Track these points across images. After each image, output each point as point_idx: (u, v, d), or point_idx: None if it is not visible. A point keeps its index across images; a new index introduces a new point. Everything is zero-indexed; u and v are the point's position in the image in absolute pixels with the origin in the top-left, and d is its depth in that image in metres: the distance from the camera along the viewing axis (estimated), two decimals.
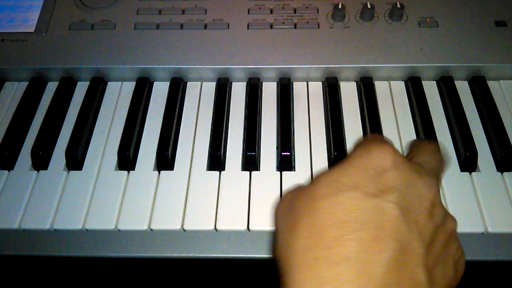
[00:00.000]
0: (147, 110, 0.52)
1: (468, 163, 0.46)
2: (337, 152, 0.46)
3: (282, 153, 0.46)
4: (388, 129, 0.49)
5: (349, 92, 0.53)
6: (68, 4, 0.58)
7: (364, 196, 0.28)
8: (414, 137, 0.48)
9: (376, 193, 0.28)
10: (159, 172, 0.46)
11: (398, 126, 0.49)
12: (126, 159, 0.47)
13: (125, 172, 0.46)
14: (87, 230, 0.43)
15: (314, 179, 0.31)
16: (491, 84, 0.52)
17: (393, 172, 0.30)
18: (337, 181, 0.29)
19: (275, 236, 0.32)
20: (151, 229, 0.43)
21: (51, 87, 0.54)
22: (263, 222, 0.42)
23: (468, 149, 0.46)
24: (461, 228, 0.41)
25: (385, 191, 0.28)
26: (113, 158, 0.48)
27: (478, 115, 0.50)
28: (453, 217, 0.32)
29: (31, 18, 0.57)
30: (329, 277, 0.26)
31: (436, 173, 0.33)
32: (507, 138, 0.47)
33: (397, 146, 0.48)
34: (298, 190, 0.32)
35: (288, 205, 0.31)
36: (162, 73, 0.54)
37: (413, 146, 0.38)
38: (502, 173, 0.45)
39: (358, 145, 0.33)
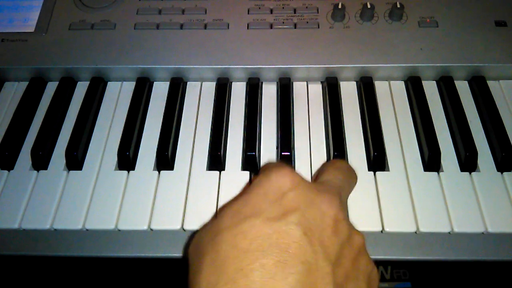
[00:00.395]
0: (147, 110, 0.52)
1: (468, 163, 0.46)
2: (337, 152, 0.46)
3: (282, 153, 0.46)
4: (388, 129, 0.49)
5: (349, 92, 0.53)
6: (68, 4, 0.58)
7: (266, 222, 0.28)
8: (414, 137, 0.48)
9: (277, 217, 0.28)
10: (159, 172, 0.46)
11: (398, 126, 0.49)
12: (126, 159, 0.47)
13: (125, 172, 0.46)
14: (87, 230, 0.43)
15: (218, 213, 0.31)
16: (491, 84, 0.52)
17: (292, 194, 0.29)
18: (239, 212, 0.29)
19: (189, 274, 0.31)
20: (151, 229, 0.43)
21: (51, 87, 0.54)
22: None
23: (468, 149, 0.46)
24: (461, 228, 0.41)
25: (286, 213, 0.28)
26: (113, 158, 0.48)
27: (478, 115, 0.50)
28: (359, 232, 0.31)
29: (31, 18, 0.57)
30: None
31: (338, 190, 0.33)
32: (507, 138, 0.47)
33: (397, 146, 0.48)
34: (205, 227, 0.31)
35: (196, 244, 0.31)
36: (162, 73, 0.54)
37: (323, 165, 0.39)
38: (502, 173, 0.45)
39: (260, 171, 0.33)
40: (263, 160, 0.47)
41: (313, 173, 0.46)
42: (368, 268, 0.31)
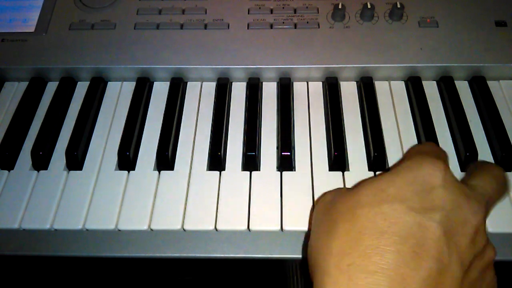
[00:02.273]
0: (147, 110, 0.52)
1: (468, 163, 0.45)
2: (337, 152, 0.46)
3: (282, 153, 0.46)
4: (388, 129, 0.49)
5: (349, 92, 0.53)
6: (68, 4, 0.58)
7: (408, 211, 0.27)
8: (414, 137, 0.48)
9: (420, 210, 0.28)
10: (159, 172, 0.46)
11: (398, 126, 0.49)
12: (126, 159, 0.47)
13: (125, 172, 0.46)
14: (87, 230, 0.43)
15: (358, 185, 0.30)
16: (491, 84, 0.52)
17: (441, 191, 0.29)
18: (383, 191, 0.29)
19: (310, 236, 0.31)
20: (151, 229, 0.43)
21: (51, 87, 0.54)
22: (263, 222, 0.42)
23: (468, 149, 0.46)
24: None
25: (430, 209, 0.28)
26: (113, 158, 0.48)
27: (478, 115, 0.50)
28: (493, 247, 0.31)
29: (31, 18, 0.57)
30: (364, 285, 0.25)
31: (486, 200, 0.32)
32: (507, 138, 0.47)
33: (397, 146, 0.48)
34: (340, 193, 0.31)
35: (327, 206, 0.31)
36: (162, 73, 0.54)
37: (475, 165, 0.37)
38: None
39: (411, 155, 0.32)
40: (263, 160, 0.47)
41: (314, 173, 0.46)
42: (491, 283, 0.31)
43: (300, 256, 0.41)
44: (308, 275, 0.30)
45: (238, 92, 0.53)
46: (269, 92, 0.53)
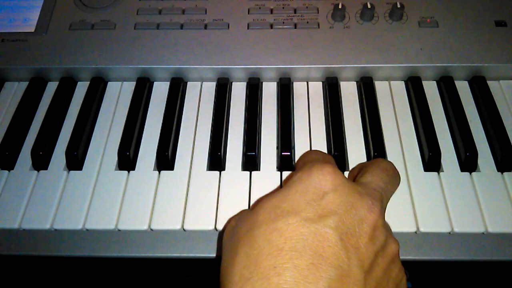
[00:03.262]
0: (147, 110, 0.52)
1: (468, 163, 0.46)
2: (337, 152, 0.46)
3: (282, 153, 0.46)
4: (388, 129, 0.49)
5: (349, 92, 0.53)
6: (68, 4, 0.58)
7: (302, 222, 0.27)
8: (414, 137, 0.48)
9: (314, 218, 0.28)
10: (159, 172, 0.46)
11: (398, 126, 0.49)
12: (126, 159, 0.47)
13: (125, 172, 0.46)
14: (87, 230, 0.43)
15: (256, 205, 0.30)
16: (491, 84, 0.52)
17: (333, 195, 0.29)
18: (277, 207, 0.29)
19: (221, 261, 0.31)
20: (151, 229, 0.43)
21: (51, 87, 0.54)
22: None
23: (468, 149, 0.46)
24: (461, 228, 0.41)
25: (324, 216, 0.28)
26: (113, 158, 0.48)
27: (478, 115, 0.50)
28: (395, 239, 0.31)
29: (31, 18, 0.57)
30: None
31: (381, 194, 0.32)
32: (507, 138, 0.47)
33: (397, 146, 0.48)
34: (241, 216, 0.31)
35: (231, 232, 0.31)
36: (162, 73, 0.54)
37: (364, 164, 0.37)
38: (502, 173, 0.45)
39: (299, 166, 0.32)
40: (263, 160, 0.47)
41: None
42: (398, 276, 0.31)
43: None
44: None
45: (238, 92, 0.53)
46: (269, 92, 0.53)
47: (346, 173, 0.45)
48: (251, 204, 0.43)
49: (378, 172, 0.35)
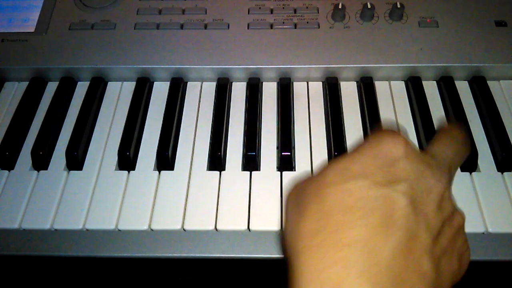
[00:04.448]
0: (147, 110, 0.52)
1: (469, 163, 0.45)
2: (337, 152, 0.46)
3: (283, 153, 0.46)
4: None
5: (349, 92, 0.53)
6: (68, 4, 0.58)
7: (373, 185, 0.28)
8: (414, 136, 0.48)
9: (385, 183, 0.28)
10: (159, 172, 0.46)
11: (398, 126, 0.49)
12: (127, 159, 0.47)
13: (126, 172, 0.46)
14: (87, 230, 0.43)
15: (324, 167, 0.31)
16: (491, 84, 0.52)
17: (403, 163, 0.29)
18: (347, 169, 0.29)
19: (285, 222, 0.32)
20: (151, 229, 0.43)
21: (51, 87, 0.54)
22: (264, 222, 0.42)
23: None
24: None
25: (394, 181, 0.28)
26: (114, 158, 0.48)
27: (478, 115, 0.50)
28: (461, 212, 0.32)
29: (31, 18, 0.57)
30: (335, 259, 0.26)
31: (449, 165, 0.33)
32: (507, 138, 0.47)
33: None
34: (308, 178, 0.32)
35: (298, 191, 0.31)
36: (162, 73, 0.54)
37: (436, 134, 0.37)
38: (502, 173, 0.45)
39: (372, 136, 0.33)
40: (263, 160, 0.47)
41: (314, 173, 0.46)
42: (463, 248, 0.31)
43: None
44: None
45: (238, 92, 0.53)
46: (269, 92, 0.53)
47: None
48: (251, 204, 0.43)
49: (448, 142, 0.35)
